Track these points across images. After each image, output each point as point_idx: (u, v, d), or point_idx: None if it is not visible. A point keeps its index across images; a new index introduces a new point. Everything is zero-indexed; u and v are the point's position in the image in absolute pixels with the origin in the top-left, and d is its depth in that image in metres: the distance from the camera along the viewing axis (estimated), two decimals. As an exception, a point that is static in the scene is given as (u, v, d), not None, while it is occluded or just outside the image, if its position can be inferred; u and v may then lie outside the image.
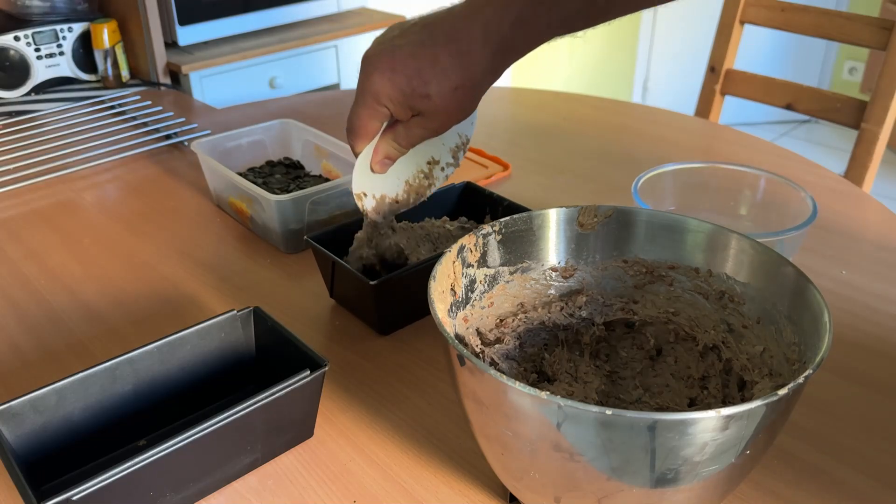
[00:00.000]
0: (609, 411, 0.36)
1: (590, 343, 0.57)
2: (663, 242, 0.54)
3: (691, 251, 0.54)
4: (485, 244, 0.54)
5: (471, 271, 0.54)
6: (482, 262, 0.54)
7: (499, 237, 0.55)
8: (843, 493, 0.52)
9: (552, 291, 0.57)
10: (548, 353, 0.57)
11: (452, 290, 0.52)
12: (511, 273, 0.56)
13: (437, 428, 0.58)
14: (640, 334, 0.56)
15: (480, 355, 0.53)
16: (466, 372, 0.42)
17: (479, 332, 0.54)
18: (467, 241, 0.53)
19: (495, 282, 0.56)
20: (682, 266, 0.54)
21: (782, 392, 0.37)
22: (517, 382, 0.38)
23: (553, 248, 0.56)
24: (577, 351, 0.57)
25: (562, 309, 0.57)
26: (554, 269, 0.57)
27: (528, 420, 0.40)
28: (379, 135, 0.60)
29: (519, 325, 0.56)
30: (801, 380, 0.38)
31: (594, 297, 0.57)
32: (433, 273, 0.49)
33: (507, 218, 0.55)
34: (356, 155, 0.61)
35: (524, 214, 0.55)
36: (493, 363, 0.54)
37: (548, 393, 0.38)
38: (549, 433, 0.39)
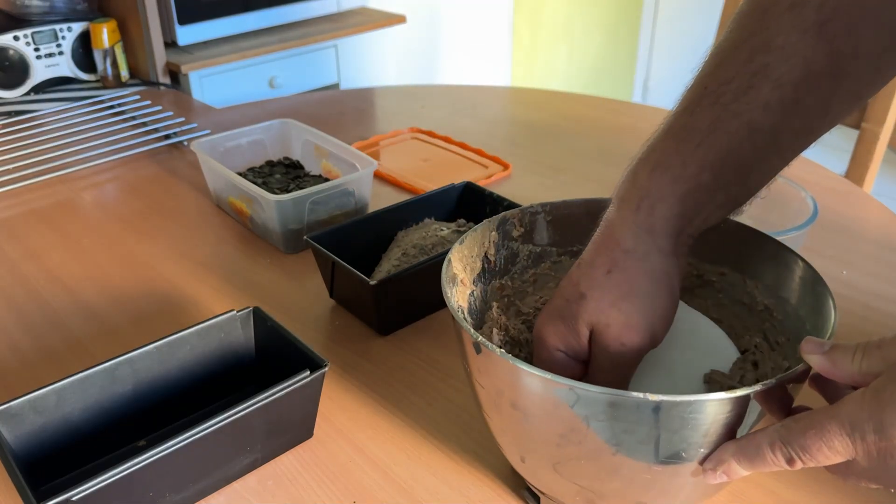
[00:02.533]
0: (616, 392, 0.37)
1: None
2: (714, 245, 0.52)
3: (740, 258, 0.52)
4: (532, 221, 0.55)
5: (514, 245, 0.55)
6: (527, 237, 0.55)
7: (549, 217, 0.55)
8: (844, 493, 0.52)
9: None
10: None
11: (486, 257, 0.53)
12: (559, 255, 0.56)
13: (437, 428, 0.58)
14: None
15: (502, 325, 0.53)
16: (478, 353, 0.43)
17: (514, 303, 0.55)
18: (511, 214, 0.54)
19: (541, 260, 0.56)
20: (732, 274, 0.53)
21: (767, 383, 0.38)
22: (519, 362, 0.39)
23: None
24: None
25: None
26: None
27: (540, 404, 0.41)
28: None
29: None
30: (790, 374, 0.39)
31: None
32: (463, 237, 0.51)
33: (560, 201, 0.55)
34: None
35: (579, 200, 0.55)
36: (517, 332, 0.53)
37: (552, 375, 0.38)
38: (561, 414, 0.40)
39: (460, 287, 0.51)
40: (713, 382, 0.48)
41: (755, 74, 0.41)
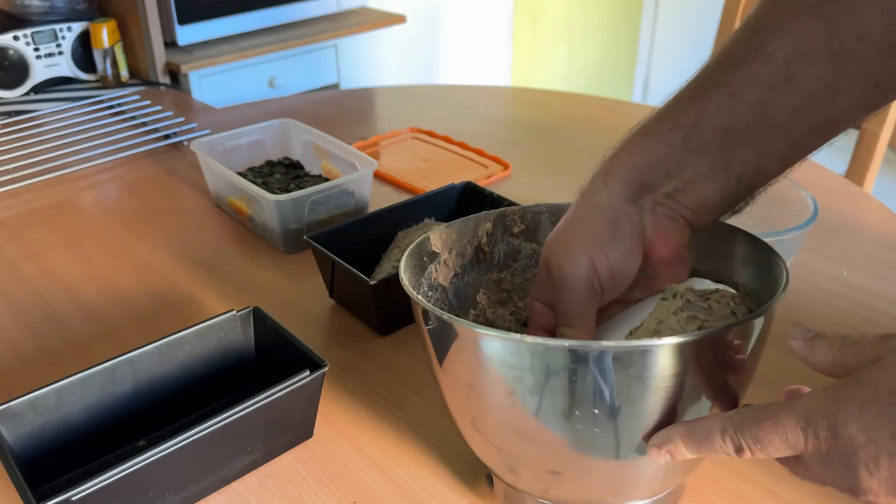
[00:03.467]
0: (487, 331, 0.38)
1: None
2: (715, 251, 0.51)
3: (734, 264, 0.51)
4: (535, 220, 0.55)
5: (515, 241, 0.55)
6: (530, 236, 0.55)
7: (553, 218, 0.55)
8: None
9: None
10: None
11: (480, 247, 0.54)
12: None
13: (437, 428, 0.58)
14: None
15: (482, 308, 0.54)
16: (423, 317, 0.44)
17: (511, 298, 0.55)
18: (511, 210, 0.54)
19: None
20: (728, 281, 0.50)
21: (672, 338, 0.37)
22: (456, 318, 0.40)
23: None
24: None
25: None
26: None
27: (446, 348, 0.42)
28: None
29: None
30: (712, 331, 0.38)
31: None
32: (453, 222, 0.52)
33: (565, 203, 0.54)
34: None
35: None
36: (495, 317, 0.54)
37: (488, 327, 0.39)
38: (462, 358, 0.41)
39: (443, 267, 0.52)
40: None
41: (749, 51, 0.42)
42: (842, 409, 0.33)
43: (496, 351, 0.39)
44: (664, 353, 0.37)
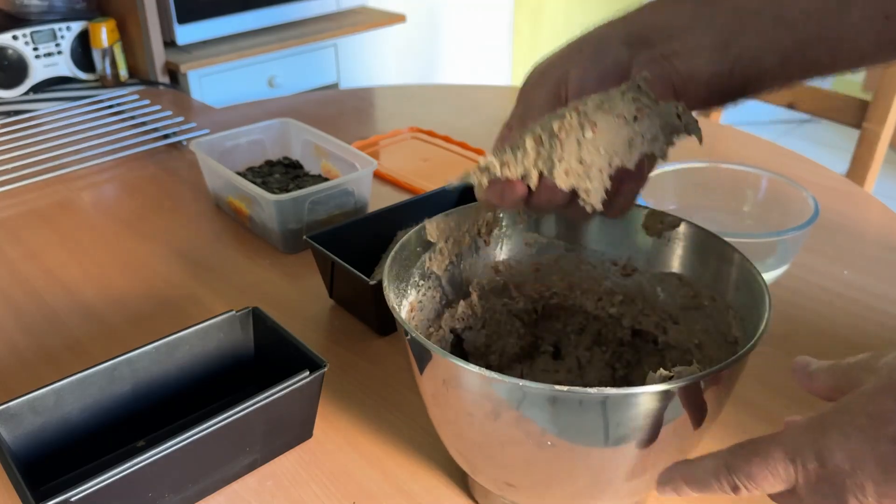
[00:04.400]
0: (520, 382, 0.38)
1: (612, 341, 0.56)
2: (712, 269, 0.51)
3: (727, 284, 0.50)
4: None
5: (517, 231, 0.55)
6: (533, 226, 0.55)
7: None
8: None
9: (608, 283, 0.55)
10: (573, 335, 0.57)
11: (480, 235, 0.54)
12: (567, 250, 0.56)
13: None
14: (662, 355, 0.54)
15: (472, 302, 0.55)
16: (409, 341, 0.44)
17: (507, 288, 0.56)
18: None
19: (546, 251, 0.56)
20: (721, 300, 0.50)
21: (682, 382, 0.37)
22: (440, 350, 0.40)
23: (617, 241, 0.55)
24: (602, 345, 0.56)
25: (599, 299, 0.56)
26: (614, 263, 0.55)
27: (417, 358, 0.43)
28: None
29: (552, 298, 0.56)
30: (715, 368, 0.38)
31: (639, 301, 0.55)
32: (451, 211, 0.52)
33: None
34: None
35: None
36: (484, 311, 0.55)
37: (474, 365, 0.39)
38: (431, 373, 0.42)
39: (438, 255, 0.53)
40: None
41: None
42: (827, 438, 0.33)
43: (453, 374, 0.40)
44: (620, 401, 0.38)
